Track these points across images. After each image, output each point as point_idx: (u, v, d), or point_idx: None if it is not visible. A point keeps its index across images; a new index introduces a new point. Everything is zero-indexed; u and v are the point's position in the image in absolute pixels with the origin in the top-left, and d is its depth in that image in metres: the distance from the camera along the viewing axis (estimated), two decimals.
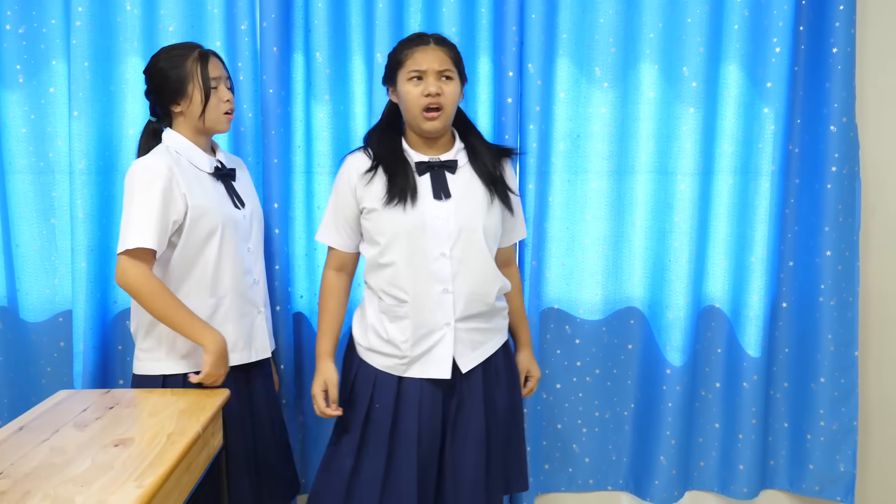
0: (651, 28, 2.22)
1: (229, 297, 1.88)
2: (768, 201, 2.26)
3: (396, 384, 1.86)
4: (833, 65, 2.20)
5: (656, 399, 2.36)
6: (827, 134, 2.23)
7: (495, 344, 1.92)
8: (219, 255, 1.84)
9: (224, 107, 1.86)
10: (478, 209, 1.83)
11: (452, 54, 1.82)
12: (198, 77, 1.81)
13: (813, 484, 2.40)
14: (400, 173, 1.81)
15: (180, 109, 1.84)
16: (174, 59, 1.82)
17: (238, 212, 1.90)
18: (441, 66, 1.78)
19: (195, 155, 1.86)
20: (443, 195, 1.82)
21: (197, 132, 1.87)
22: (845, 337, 2.32)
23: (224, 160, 1.94)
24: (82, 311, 2.17)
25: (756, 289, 2.29)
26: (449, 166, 1.84)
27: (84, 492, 1.34)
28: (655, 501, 2.39)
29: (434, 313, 1.82)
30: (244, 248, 1.91)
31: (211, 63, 1.84)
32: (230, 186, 1.92)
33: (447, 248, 1.80)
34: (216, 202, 1.84)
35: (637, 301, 2.36)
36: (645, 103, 2.27)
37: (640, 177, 2.29)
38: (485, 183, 1.86)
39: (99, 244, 2.20)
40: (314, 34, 2.18)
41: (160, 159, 1.78)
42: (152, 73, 1.86)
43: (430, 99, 1.77)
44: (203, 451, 1.74)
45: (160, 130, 1.89)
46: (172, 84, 1.82)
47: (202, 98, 1.82)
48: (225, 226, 1.84)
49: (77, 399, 1.86)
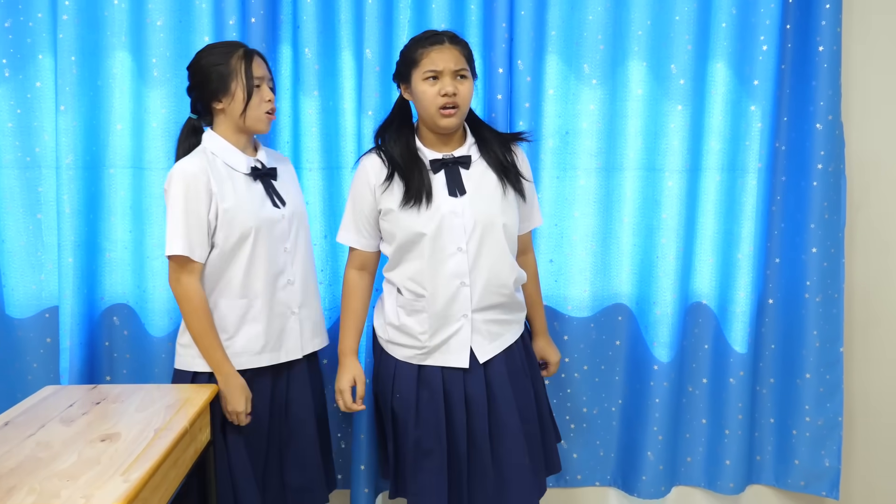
0: (639, 25, 2.23)
1: (260, 299, 1.88)
2: (755, 198, 2.28)
3: (416, 372, 1.91)
4: (819, 63, 2.22)
5: (644, 395, 2.38)
6: (813, 132, 2.24)
7: (513, 335, 1.97)
8: (251, 257, 1.84)
9: (265, 107, 1.86)
10: (492, 202, 1.88)
11: (466, 52, 1.86)
12: (241, 75, 1.81)
13: (798, 479, 2.42)
14: (416, 176, 1.85)
15: (222, 107, 1.84)
16: (219, 56, 1.83)
17: (276, 212, 1.89)
18: (457, 66, 1.82)
19: (231, 156, 1.85)
20: (458, 192, 1.86)
21: (237, 130, 1.87)
22: (830, 333, 2.33)
23: (265, 158, 1.93)
24: (69, 307, 2.16)
25: (743, 285, 2.30)
26: (463, 162, 1.89)
27: (70, 486, 1.34)
28: (643, 497, 2.40)
29: (451, 306, 1.87)
30: (279, 249, 1.90)
31: (255, 62, 1.84)
32: (269, 185, 1.91)
33: (463, 243, 1.85)
34: (249, 204, 1.84)
35: (625, 297, 2.37)
36: (633, 100, 2.28)
37: (628, 174, 2.30)
38: (496, 173, 1.90)
39: (86, 239, 2.19)
40: (303, 30, 2.17)
41: (195, 163, 1.80)
42: (196, 69, 1.86)
43: (446, 99, 1.81)
44: (191, 447, 1.74)
45: (199, 128, 1.90)
46: (215, 81, 1.82)
47: (244, 96, 1.82)
48: (258, 228, 1.84)
49: (63, 394, 1.85)
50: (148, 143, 2.21)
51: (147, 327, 2.28)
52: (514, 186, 1.92)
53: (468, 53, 1.87)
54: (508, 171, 1.91)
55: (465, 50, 1.86)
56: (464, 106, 1.84)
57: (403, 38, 2.20)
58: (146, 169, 2.22)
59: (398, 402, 1.93)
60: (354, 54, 2.22)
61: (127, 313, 2.27)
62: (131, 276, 2.26)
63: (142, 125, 2.21)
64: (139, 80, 2.19)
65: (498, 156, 1.91)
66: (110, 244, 2.24)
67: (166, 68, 2.18)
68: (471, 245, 1.85)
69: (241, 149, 1.88)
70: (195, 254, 1.79)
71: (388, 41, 2.19)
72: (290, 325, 1.94)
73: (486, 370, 1.91)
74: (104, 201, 2.22)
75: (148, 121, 2.20)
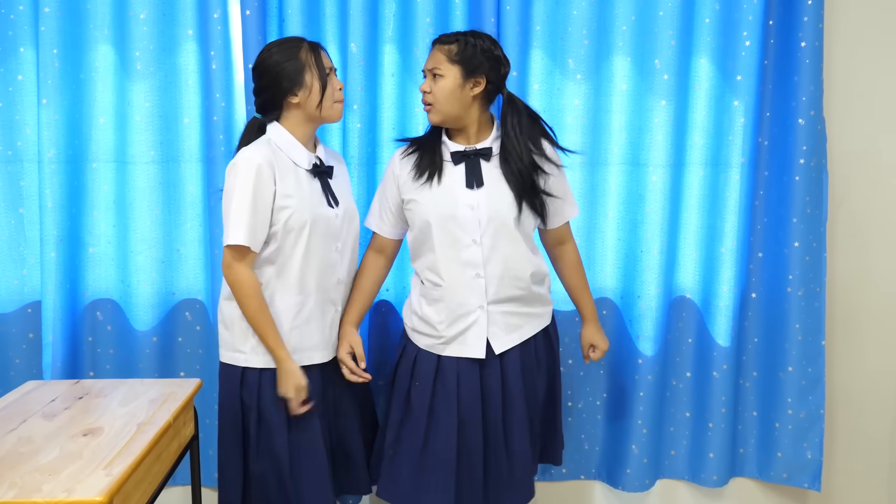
0: (623, 21, 2.24)
1: (314, 297, 1.89)
2: (738, 193, 2.29)
3: (436, 362, 1.94)
4: (801, 58, 2.23)
5: (628, 388, 2.39)
6: (795, 127, 2.26)
7: (533, 328, 1.99)
8: (306, 253, 1.85)
9: (338, 95, 1.88)
10: (509, 199, 1.90)
11: (450, 50, 1.86)
12: (314, 66, 1.83)
13: (781, 471, 2.44)
14: (427, 155, 1.92)
15: (298, 101, 1.84)
16: (286, 53, 1.83)
17: (331, 210, 1.89)
18: (431, 65, 1.87)
19: (295, 151, 1.86)
20: (475, 184, 1.89)
21: (308, 122, 1.88)
22: (812, 326, 2.35)
23: (323, 156, 1.94)
24: (52, 302, 2.15)
25: (726, 279, 2.32)
26: (483, 154, 1.91)
27: (51, 481, 1.34)
28: (627, 490, 2.42)
29: (467, 296, 1.90)
30: (332, 248, 1.91)
31: (322, 54, 1.87)
32: (326, 184, 1.91)
33: (478, 236, 1.88)
34: (308, 200, 1.85)
35: (609, 291, 2.38)
36: (617, 95, 2.28)
37: (613, 168, 2.31)
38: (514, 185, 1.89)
39: (69, 234, 2.18)
40: (288, 23, 2.16)
41: (260, 152, 1.80)
42: (265, 68, 1.84)
43: (422, 97, 1.90)
44: (174, 441, 1.74)
45: (263, 127, 1.89)
46: (290, 76, 1.82)
47: (321, 87, 1.83)
48: (314, 224, 1.84)
49: (45, 389, 1.84)
50: (131, 136, 2.20)
51: (132, 322, 2.27)
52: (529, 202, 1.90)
53: (455, 50, 1.85)
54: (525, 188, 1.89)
55: (449, 49, 1.86)
56: (437, 103, 1.87)
57: (388, 32, 2.20)
58: (130, 163, 2.21)
59: (416, 390, 1.95)
60: (339, 48, 2.22)
61: (111, 308, 2.26)
62: (115, 270, 2.25)
63: (125, 119, 2.20)
64: (122, 73, 2.18)
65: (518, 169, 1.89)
66: (94, 239, 2.23)
67: (150, 62, 2.17)
68: (485, 238, 1.88)
69: (305, 143, 1.89)
70: (255, 244, 1.80)
71: (373, 36, 2.19)
72: (336, 322, 1.96)
73: (502, 361, 1.94)
74: (87, 196, 2.21)
75: (131, 114, 2.19)
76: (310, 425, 1.87)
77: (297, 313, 1.87)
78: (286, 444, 1.86)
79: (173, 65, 2.19)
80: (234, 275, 1.81)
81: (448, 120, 1.91)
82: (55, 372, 2.17)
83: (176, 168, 2.23)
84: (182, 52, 2.19)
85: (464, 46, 1.85)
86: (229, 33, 2.14)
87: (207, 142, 2.18)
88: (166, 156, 2.22)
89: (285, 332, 1.86)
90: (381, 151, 2.25)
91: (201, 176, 2.23)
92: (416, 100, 2.22)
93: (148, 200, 2.23)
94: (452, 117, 1.90)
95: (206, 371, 2.29)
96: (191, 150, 2.23)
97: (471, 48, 1.86)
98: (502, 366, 1.94)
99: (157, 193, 2.23)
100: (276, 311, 1.86)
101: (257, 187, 1.77)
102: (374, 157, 2.25)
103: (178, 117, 2.21)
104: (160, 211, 2.24)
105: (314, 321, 1.89)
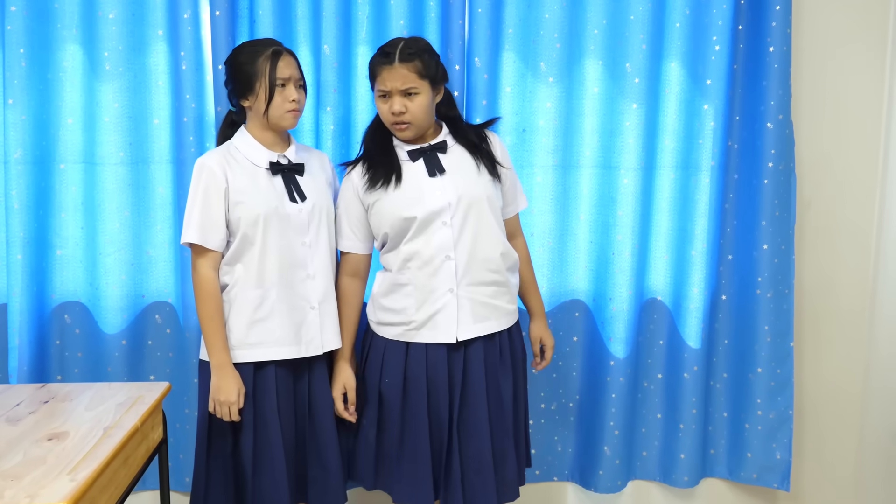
0: (595, 24, 2.26)
1: (276, 291, 1.88)
2: (708, 196, 2.31)
3: (404, 354, 1.94)
4: (770, 63, 2.26)
5: (600, 390, 2.40)
6: (764, 130, 2.29)
7: (500, 324, 1.98)
8: (263, 247, 1.87)
9: (288, 106, 1.88)
10: (472, 178, 1.95)
11: (418, 67, 1.86)
12: (265, 76, 1.84)
13: (751, 472, 2.46)
14: (383, 162, 1.94)
15: (248, 104, 1.89)
16: (247, 56, 1.87)
17: (293, 206, 1.90)
18: (404, 85, 1.85)
19: (252, 151, 1.90)
20: (437, 172, 1.93)
21: (263, 127, 1.91)
22: (781, 328, 2.38)
23: (294, 154, 1.95)
24: (18, 305, 2.12)
25: (697, 281, 2.34)
26: (439, 148, 1.95)
27: (14, 486, 1.32)
28: (600, 491, 2.43)
29: (437, 279, 1.90)
30: (297, 243, 1.91)
31: (282, 62, 1.87)
32: (290, 180, 1.92)
33: (448, 217, 1.90)
34: (263, 196, 1.87)
35: (581, 294, 2.40)
36: (589, 98, 2.30)
37: (585, 171, 2.32)
38: (471, 153, 1.97)
39: (35, 236, 2.15)
40: (259, 24, 2.15)
41: (213, 156, 1.88)
42: (230, 65, 1.91)
43: (395, 117, 1.88)
44: (141, 445, 1.72)
45: (238, 121, 1.96)
46: (243, 80, 1.87)
47: (266, 97, 1.84)
48: (267, 220, 1.86)
49: (10, 393, 1.81)
50: (100, 137, 2.18)
51: (101, 325, 2.24)
52: (488, 167, 1.97)
53: (421, 67, 1.86)
54: (482, 152, 1.98)
55: (416, 65, 1.85)
56: (416, 120, 1.89)
57: (362, 34, 2.20)
58: (98, 164, 2.18)
59: (386, 387, 1.95)
60: (312, 50, 2.21)
61: (79, 311, 2.23)
62: (83, 273, 2.22)
63: (94, 119, 2.17)
64: (91, 73, 2.16)
65: (470, 137, 1.99)
66: (61, 241, 2.20)
67: (119, 62, 2.15)
68: (455, 219, 1.90)
69: (268, 144, 1.92)
70: (209, 242, 1.84)
71: (346, 37, 2.18)
72: (309, 320, 1.94)
73: (465, 351, 1.94)
74: (55, 197, 2.18)
75: (100, 115, 2.17)
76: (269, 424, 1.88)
77: (258, 307, 1.87)
78: (251, 444, 1.87)
79: (143, 65, 2.17)
80: (195, 274, 1.87)
81: (420, 131, 1.93)
82: (21, 376, 2.13)
83: (145, 169, 2.21)
84: (152, 52, 2.17)
85: (427, 60, 1.88)
86: (200, 34, 2.12)
87: (177, 143, 2.16)
88: (136, 157, 2.20)
89: (244, 326, 1.87)
90: (354, 153, 2.24)
91: (171, 177, 2.21)
92: None
93: (117, 202, 2.20)
94: (424, 128, 1.94)
95: (175, 374, 2.26)
96: (160, 151, 2.21)
97: (432, 60, 1.89)
98: (465, 356, 1.94)
99: (127, 195, 2.21)
100: (239, 305, 1.87)
101: (206, 188, 1.84)
102: (348, 158, 2.24)
103: (147, 118, 2.19)
104: (129, 213, 2.21)
105: (277, 316, 1.88)
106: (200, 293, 1.85)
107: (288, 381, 1.92)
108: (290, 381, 1.93)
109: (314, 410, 1.98)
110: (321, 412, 1.98)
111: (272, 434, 1.88)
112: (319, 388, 1.98)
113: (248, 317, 1.87)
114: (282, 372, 1.90)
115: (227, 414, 1.84)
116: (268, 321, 1.88)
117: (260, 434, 1.88)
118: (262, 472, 1.88)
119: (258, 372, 1.89)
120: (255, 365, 1.88)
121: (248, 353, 1.87)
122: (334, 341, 1.98)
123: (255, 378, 1.88)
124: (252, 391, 1.87)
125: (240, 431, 1.88)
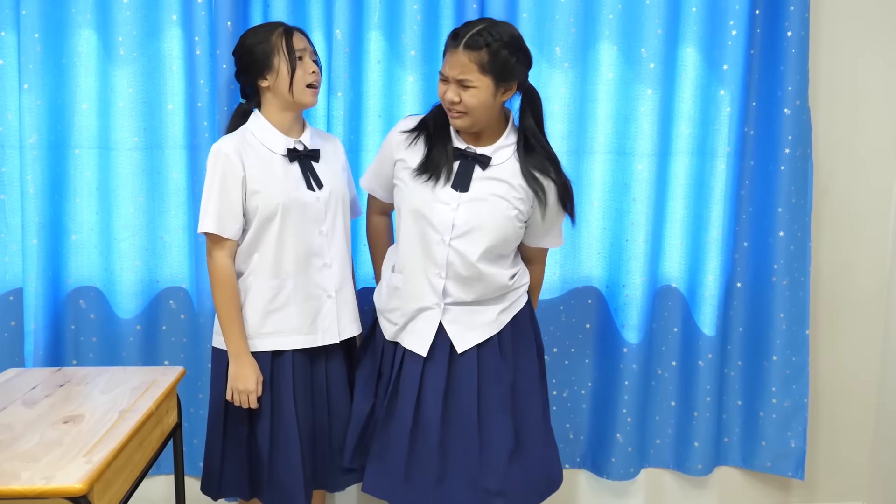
0: (610, 9, 2.23)
1: (292, 280, 1.87)
2: (724, 182, 2.30)
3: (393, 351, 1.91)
4: (787, 48, 2.24)
5: (613, 377, 2.39)
6: (781, 116, 2.26)
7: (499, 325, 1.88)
8: (280, 236, 1.85)
9: (310, 78, 1.86)
10: (490, 214, 1.80)
11: (482, 59, 1.69)
12: (283, 49, 1.83)
13: (765, 460, 2.46)
14: (440, 149, 1.83)
15: (268, 84, 1.86)
16: (261, 36, 1.86)
17: (310, 194, 1.88)
18: (461, 75, 1.71)
19: (269, 137, 1.88)
20: (460, 187, 1.81)
21: (284, 108, 1.88)
22: (797, 316, 2.37)
23: (309, 139, 1.93)
24: (33, 290, 2.13)
25: (711, 268, 2.32)
26: (481, 161, 1.81)
27: (31, 468, 1.33)
28: (612, 479, 2.42)
29: (423, 290, 1.84)
30: (314, 231, 1.89)
31: (295, 36, 1.86)
32: (308, 167, 1.90)
33: (447, 237, 1.80)
34: (281, 184, 1.85)
35: (594, 280, 2.39)
36: (604, 84, 2.28)
37: (598, 157, 2.31)
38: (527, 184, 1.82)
39: (51, 220, 2.16)
40: (272, 9, 2.15)
41: (229, 142, 1.84)
42: (240, 52, 1.88)
43: (450, 104, 1.76)
44: (156, 429, 1.73)
45: (249, 112, 1.93)
46: (259, 59, 1.84)
47: (289, 70, 1.83)
48: (286, 208, 1.84)
49: (27, 377, 1.83)
50: (115, 122, 2.18)
51: (115, 310, 2.25)
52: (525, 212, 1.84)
53: (488, 59, 1.69)
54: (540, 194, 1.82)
55: (481, 56, 1.69)
56: (472, 112, 1.74)
57: (374, 19, 2.18)
58: (113, 149, 2.19)
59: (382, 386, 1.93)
60: (325, 34, 2.20)
61: (94, 296, 2.24)
62: (98, 258, 2.23)
63: (108, 105, 2.17)
64: (105, 58, 2.16)
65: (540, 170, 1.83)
66: (76, 226, 2.21)
67: (133, 47, 2.15)
68: (455, 242, 1.80)
69: (285, 129, 1.90)
70: (225, 231, 1.82)
71: (357, 22, 2.17)
72: (326, 308, 1.92)
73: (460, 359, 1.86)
74: (69, 182, 2.19)
75: (114, 100, 2.17)
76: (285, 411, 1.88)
77: (274, 297, 1.86)
78: (268, 430, 1.86)
79: (157, 50, 2.17)
80: (211, 263, 1.85)
81: (477, 125, 1.80)
82: (37, 360, 2.15)
83: (160, 155, 2.21)
84: (166, 37, 2.17)
85: (495, 54, 1.69)
86: (214, 19, 2.11)
87: (192, 128, 2.15)
88: (150, 142, 2.20)
89: (260, 315, 1.86)
90: (365, 139, 2.24)
91: (185, 163, 2.21)
92: (402, 87, 2.21)
93: (131, 187, 2.21)
94: (481, 124, 1.81)
95: (189, 359, 2.27)
96: (175, 136, 2.21)
97: (502, 55, 1.70)
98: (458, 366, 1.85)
99: (141, 180, 2.21)
100: (254, 294, 1.86)
101: (223, 176, 1.81)
102: (359, 144, 2.24)
103: (161, 103, 2.19)
104: (144, 198, 2.22)
105: (293, 306, 1.88)
106: (217, 282, 1.84)
107: (305, 369, 1.92)
108: (307, 368, 1.92)
109: (330, 398, 1.98)
110: (337, 400, 1.98)
111: (288, 421, 1.87)
112: (336, 376, 1.98)
113: (263, 306, 1.86)
114: (299, 359, 1.90)
115: (245, 402, 1.84)
116: (283, 311, 1.87)
117: (277, 421, 1.88)
118: (279, 459, 1.88)
119: (275, 359, 1.88)
120: (272, 352, 1.88)
121: (264, 342, 1.87)
122: (351, 329, 1.98)
123: (273, 365, 1.88)
124: (269, 378, 1.87)
125: (256, 418, 1.89)
